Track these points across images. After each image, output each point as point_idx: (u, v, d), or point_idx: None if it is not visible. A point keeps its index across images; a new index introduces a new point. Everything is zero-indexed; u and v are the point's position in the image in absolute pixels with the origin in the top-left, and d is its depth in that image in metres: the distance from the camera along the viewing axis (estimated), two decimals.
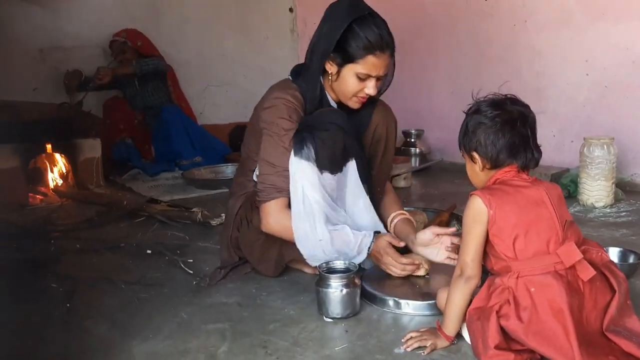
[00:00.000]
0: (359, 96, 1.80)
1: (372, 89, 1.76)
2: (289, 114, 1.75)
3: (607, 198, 2.73)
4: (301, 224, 1.70)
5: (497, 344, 1.25)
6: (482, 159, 1.39)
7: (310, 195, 1.69)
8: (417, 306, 1.61)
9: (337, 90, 1.82)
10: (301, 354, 1.40)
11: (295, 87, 1.83)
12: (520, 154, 1.37)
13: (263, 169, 1.77)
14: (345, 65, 1.74)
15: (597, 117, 3.28)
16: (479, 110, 1.39)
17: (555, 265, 1.26)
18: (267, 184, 1.74)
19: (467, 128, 1.41)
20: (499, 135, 1.35)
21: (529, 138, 1.37)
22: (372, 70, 1.73)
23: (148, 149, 4.25)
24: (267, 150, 1.76)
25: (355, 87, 1.77)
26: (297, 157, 1.69)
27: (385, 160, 2.01)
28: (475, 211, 1.33)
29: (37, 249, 2.35)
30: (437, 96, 4.19)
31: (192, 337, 1.52)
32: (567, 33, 3.37)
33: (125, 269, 2.07)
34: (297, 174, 1.70)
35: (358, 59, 1.71)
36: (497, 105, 1.38)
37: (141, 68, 4.06)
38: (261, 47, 5.11)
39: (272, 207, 1.74)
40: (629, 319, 1.28)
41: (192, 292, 1.84)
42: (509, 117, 1.36)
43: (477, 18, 3.87)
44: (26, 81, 3.93)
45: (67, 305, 1.74)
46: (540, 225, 1.30)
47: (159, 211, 2.78)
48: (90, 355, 1.44)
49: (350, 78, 1.75)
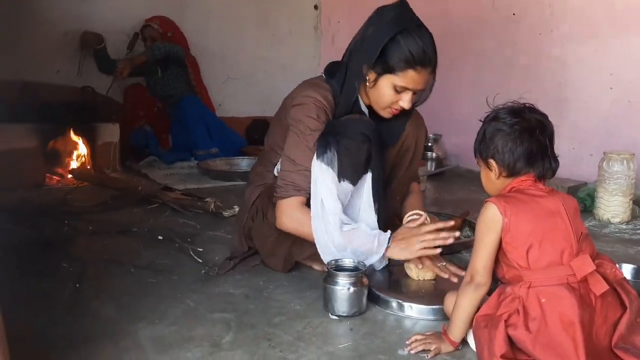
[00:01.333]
0: (392, 108, 1.77)
1: (407, 102, 1.73)
2: (317, 113, 1.73)
3: (623, 214, 2.69)
4: (319, 225, 1.69)
5: (504, 353, 1.24)
6: (499, 166, 1.37)
7: (327, 204, 1.68)
8: (422, 310, 1.60)
9: (372, 98, 1.78)
10: (304, 349, 1.40)
11: (327, 88, 1.80)
12: (537, 163, 1.35)
13: (285, 165, 1.76)
14: (384, 75, 1.70)
15: (618, 131, 3.23)
16: (497, 117, 1.38)
17: (568, 278, 1.24)
18: (287, 181, 1.73)
19: (484, 135, 1.40)
20: (517, 143, 1.34)
21: (547, 147, 1.35)
22: (410, 84, 1.70)
23: (166, 138, 4.29)
24: (291, 147, 1.75)
25: (391, 99, 1.74)
26: (319, 161, 1.68)
27: (409, 170, 2.00)
28: (489, 218, 1.31)
29: (50, 228, 2.38)
30: (458, 101, 4.17)
31: (198, 324, 1.53)
32: (593, 45, 3.33)
33: (136, 254, 2.08)
34: (318, 179, 1.68)
35: (397, 71, 1.68)
36: (516, 113, 1.36)
37: (153, 54, 4.09)
38: (283, 43, 5.12)
39: (288, 205, 1.74)
40: (639, 336, 1.26)
41: (200, 281, 1.85)
42: (528, 125, 1.34)
43: (503, 25, 3.84)
44: (50, 63, 3.98)
45: (76, 286, 1.76)
46: (555, 236, 1.28)
47: (173, 199, 2.80)
48: (96, 335, 1.45)
49: (387, 88, 1.72)
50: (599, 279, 1.24)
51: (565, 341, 1.19)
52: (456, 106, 4.18)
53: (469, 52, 4.10)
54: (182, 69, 4.32)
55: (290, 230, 1.76)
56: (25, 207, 2.68)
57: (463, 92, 4.13)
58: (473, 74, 4.08)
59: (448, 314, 1.44)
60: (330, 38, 5.32)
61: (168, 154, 4.12)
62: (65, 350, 1.37)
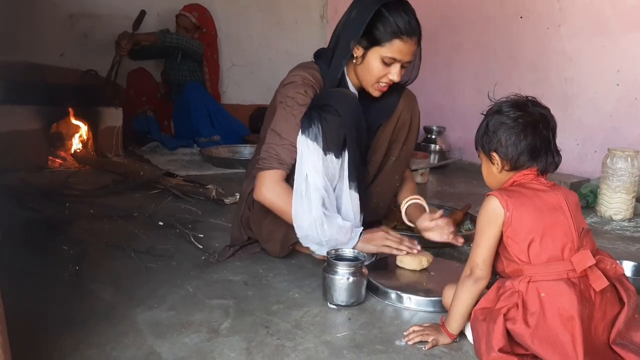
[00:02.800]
0: (381, 82, 1.78)
1: (396, 75, 1.75)
2: (304, 89, 1.76)
3: (626, 211, 2.68)
4: (300, 202, 1.69)
5: (502, 347, 1.24)
6: (501, 160, 1.36)
7: (312, 180, 1.68)
8: (420, 302, 1.60)
9: (361, 75, 1.80)
10: (302, 337, 1.40)
11: (315, 67, 1.83)
12: (541, 157, 1.34)
13: (270, 138, 1.77)
14: (371, 49, 1.73)
15: (623, 128, 3.22)
16: (500, 110, 1.36)
17: (568, 273, 1.24)
18: (272, 154, 1.74)
19: (487, 128, 1.38)
20: (520, 137, 1.32)
21: (551, 141, 1.35)
22: (398, 54, 1.72)
23: (168, 124, 4.27)
24: (279, 121, 1.77)
25: (380, 72, 1.76)
26: (304, 136, 1.69)
27: (406, 147, 2.00)
28: (490, 212, 1.31)
29: (52, 211, 2.38)
30: (462, 95, 4.15)
31: (196, 310, 1.53)
32: (601, 41, 3.31)
33: (136, 238, 2.08)
34: (304, 155, 1.69)
35: (384, 42, 1.71)
36: (520, 107, 1.35)
37: (163, 39, 4.06)
38: (289, 31, 5.09)
39: (269, 177, 1.74)
40: (637, 332, 1.26)
41: (200, 267, 1.85)
42: (532, 119, 1.33)
43: (510, 19, 3.82)
44: (54, 46, 3.97)
45: (76, 268, 1.76)
46: (556, 231, 1.27)
47: (174, 185, 2.80)
48: (94, 318, 1.45)
49: (375, 61, 1.74)
50: (599, 274, 1.23)
51: (564, 336, 1.19)
52: (460, 100, 4.16)
53: (475, 46, 4.08)
54: (197, 64, 4.32)
55: (267, 201, 1.76)
56: (27, 189, 2.68)
57: (467, 86, 4.11)
58: (478, 68, 4.06)
59: (447, 306, 1.44)
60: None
61: (170, 139, 4.12)
62: (63, 330, 1.37)
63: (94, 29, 4.11)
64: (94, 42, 4.11)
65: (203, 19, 4.28)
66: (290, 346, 1.35)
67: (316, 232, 1.70)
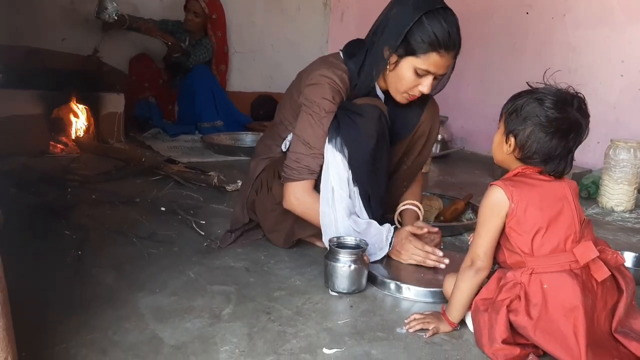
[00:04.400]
0: (410, 93, 1.71)
1: (427, 87, 1.68)
2: (332, 95, 1.69)
3: (627, 203, 2.68)
4: (327, 211, 1.69)
5: (505, 338, 1.24)
6: (516, 145, 1.31)
7: (337, 192, 1.68)
8: (419, 292, 1.60)
9: (390, 82, 1.73)
10: (303, 324, 1.41)
11: (344, 69, 1.74)
12: (553, 163, 1.29)
13: (298, 147, 1.72)
14: (406, 57, 1.64)
15: (626, 120, 3.21)
16: (542, 101, 1.26)
17: (570, 264, 1.24)
18: (302, 165, 1.71)
19: (520, 109, 1.29)
20: (545, 139, 1.26)
21: (571, 152, 1.30)
22: (432, 67, 1.64)
23: (171, 110, 4.26)
24: (305, 129, 1.71)
25: (411, 83, 1.68)
26: (331, 145, 1.67)
27: (420, 157, 1.95)
28: (495, 202, 1.28)
29: (54, 196, 2.38)
30: (465, 84, 4.13)
31: (198, 296, 1.53)
32: (606, 31, 3.29)
33: (138, 224, 2.09)
34: (330, 166, 1.67)
35: (420, 53, 1.62)
36: (562, 107, 1.25)
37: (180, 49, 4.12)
38: (292, 19, 5.07)
39: (300, 188, 1.72)
40: (635, 320, 1.27)
41: (202, 253, 1.85)
42: (567, 126, 1.25)
43: (515, 8, 3.79)
44: (55, 31, 3.94)
45: (78, 253, 1.76)
46: (560, 222, 1.26)
47: (176, 171, 2.80)
48: (96, 302, 1.46)
49: (408, 72, 1.66)
50: (601, 265, 1.23)
51: (566, 327, 1.19)
52: (463, 89, 4.14)
53: (479, 35, 4.05)
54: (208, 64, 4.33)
55: (297, 212, 1.76)
56: (29, 174, 2.67)
57: (471, 76, 4.08)
58: (482, 58, 4.04)
59: (447, 295, 1.44)
60: (339, 15, 5.26)
61: (172, 126, 4.11)
62: (65, 314, 1.37)
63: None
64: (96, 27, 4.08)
65: (213, 6, 4.25)
66: (292, 332, 1.36)
67: None
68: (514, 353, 1.24)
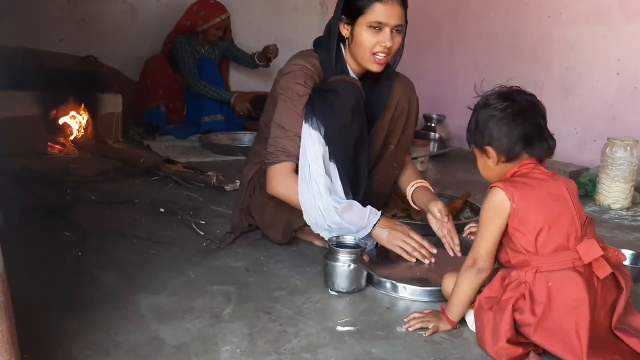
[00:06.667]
0: (377, 54, 1.74)
1: (388, 39, 1.71)
2: (304, 79, 1.75)
3: (624, 200, 2.69)
4: (305, 189, 1.70)
5: (510, 337, 1.25)
6: (497, 152, 1.35)
7: (314, 169, 1.68)
8: (415, 291, 1.60)
9: (356, 53, 1.78)
10: (304, 323, 1.41)
11: (314, 56, 1.83)
12: (535, 144, 1.33)
13: (274, 132, 1.77)
14: (357, 21, 1.73)
15: (623, 118, 3.22)
16: (487, 104, 1.36)
17: (574, 262, 1.25)
18: (278, 147, 1.75)
19: (477, 123, 1.38)
20: (512, 127, 1.32)
21: (542, 127, 1.34)
22: (382, 17, 1.69)
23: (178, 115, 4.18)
24: (281, 114, 1.77)
25: (371, 41, 1.72)
26: (307, 125, 1.70)
27: (405, 135, 2.00)
28: (497, 204, 1.30)
29: (53, 196, 2.38)
30: (463, 83, 4.13)
31: (198, 296, 1.54)
32: (602, 29, 3.29)
33: (137, 224, 2.09)
34: (307, 144, 1.70)
35: (366, 8, 1.69)
36: (506, 97, 1.35)
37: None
38: (289, 18, 5.06)
39: (279, 170, 1.75)
40: (633, 317, 1.29)
41: (201, 253, 1.86)
42: (520, 107, 1.33)
43: (512, 6, 3.80)
44: (53, 32, 3.93)
45: (78, 254, 1.77)
46: (561, 221, 1.27)
47: (175, 172, 2.80)
48: (97, 302, 1.46)
49: (364, 32, 1.72)
50: (603, 263, 1.24)
51: (569, 325, 1.20)
52: (461, 88, 4.14)
53: (476, 33, 4.06)
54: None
55: (280, 195, 1.77)
56: (28, 175, 2.67)
57: (468, 74, 4.09)
58: (479, 56, 4.05)
59: (446, 294, 1.45)
60: None
61: (180, 129, 4.07)
62: (67, 315, 1.38)
63: (93, 14, 4.07)
64: (93, 28, 4.08)
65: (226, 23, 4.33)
66: (292, 332, 1.37)
67: (323, 219, 1.69)
68: (517, 352, 1.26)
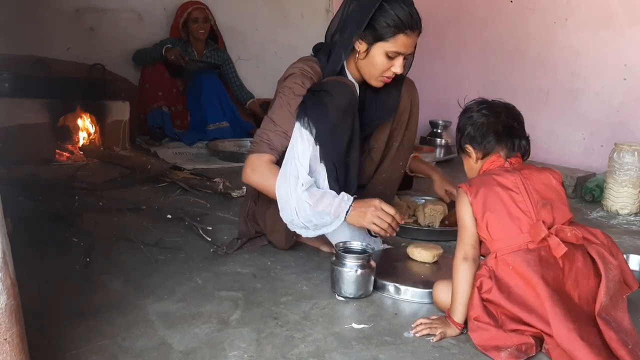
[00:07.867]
0: (384, 76, 1.79)
1: (399, 67, 1.77)
2: (302, 80, 1.76)
3: (632, 206, 2.68)
4: (284, 188, 1.66)
5: (477, 316, 1.33)
6: (474, 149, 1.50)
7: (297, 167, 1.66)
8: (417, 293, 1.61)
9: (364, 69, 1.80)
10: (311, 329, 1.42)
11: (314, 60, 1.85)
12: (505, 140, 1.46)
13: (264, 124, 1.78)
14: (375, 44, 1.73)
15: (630, 123, 3.21)
16: (466, 110, 1.54)
17: (528, 244, 1.33)
18: (263, 139, 1.75)
19: (458, 128, 1.55)
20: (484, 123, 1.48)
21: (515, 128, 1.48)
22: (402, 48, 1.73)
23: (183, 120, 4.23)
24: (274, 109, 1.78)
25: (384, 66, 1.76)
26: (299, 124, 1.70)
27: (408, 132, 2.04)
28: (461, 201, 1.43)
29: (61, 203, 2.39)
30: (468, 89, 4.13)
31: (206, 302, 1.55)
32: (608, 34, 3.30)
33: (145, 231, 2.10)
34: (296, 142, 1.68)
35: (388, 37, 1.71)
36: (483, 102, 1.53)
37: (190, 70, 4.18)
38: (295, 25, 5.08)
39: (258, 160, 1.73)
40: (623, 314, 1.30)
41: (209, 259, 1.87)
42: (495, 109, 1.50)
43: (517, 12, 3.81)
44: (61, 40, 3.97)
45: (86, 260, 1.77)
46: (512, 208, 1.36)
47: (182, 178, 2.81)
48: (105, 308, 1.47)
49: (380, 56, 1.75)
50: (557, 242, 1.31)
51: (531, 298, 1.28)
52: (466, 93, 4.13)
53: (481, 39, 4.07)
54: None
55: (253, 182, 1.76)
56: (36, 182, 2.69)
57: (474, 80, 4.10)
58: (484, 62, 4.05)
59: (438, 304, 1.52)
60: None
61: (186, 135, 4.10)
62: (75, 320, 1.39)
63: (100, 23, 4.12)
64: (101, 36, 4.12)
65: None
66: (300, 337, 1.37)
67: (297, 216, 1.65)
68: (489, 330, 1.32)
